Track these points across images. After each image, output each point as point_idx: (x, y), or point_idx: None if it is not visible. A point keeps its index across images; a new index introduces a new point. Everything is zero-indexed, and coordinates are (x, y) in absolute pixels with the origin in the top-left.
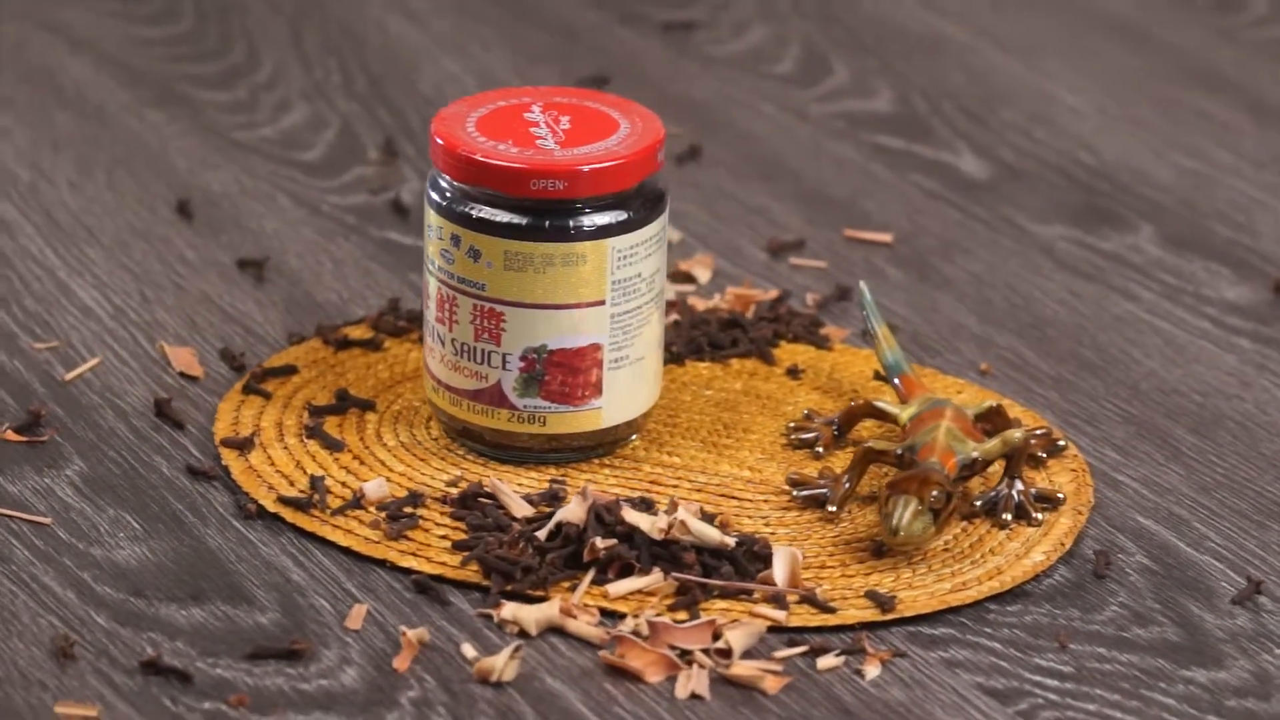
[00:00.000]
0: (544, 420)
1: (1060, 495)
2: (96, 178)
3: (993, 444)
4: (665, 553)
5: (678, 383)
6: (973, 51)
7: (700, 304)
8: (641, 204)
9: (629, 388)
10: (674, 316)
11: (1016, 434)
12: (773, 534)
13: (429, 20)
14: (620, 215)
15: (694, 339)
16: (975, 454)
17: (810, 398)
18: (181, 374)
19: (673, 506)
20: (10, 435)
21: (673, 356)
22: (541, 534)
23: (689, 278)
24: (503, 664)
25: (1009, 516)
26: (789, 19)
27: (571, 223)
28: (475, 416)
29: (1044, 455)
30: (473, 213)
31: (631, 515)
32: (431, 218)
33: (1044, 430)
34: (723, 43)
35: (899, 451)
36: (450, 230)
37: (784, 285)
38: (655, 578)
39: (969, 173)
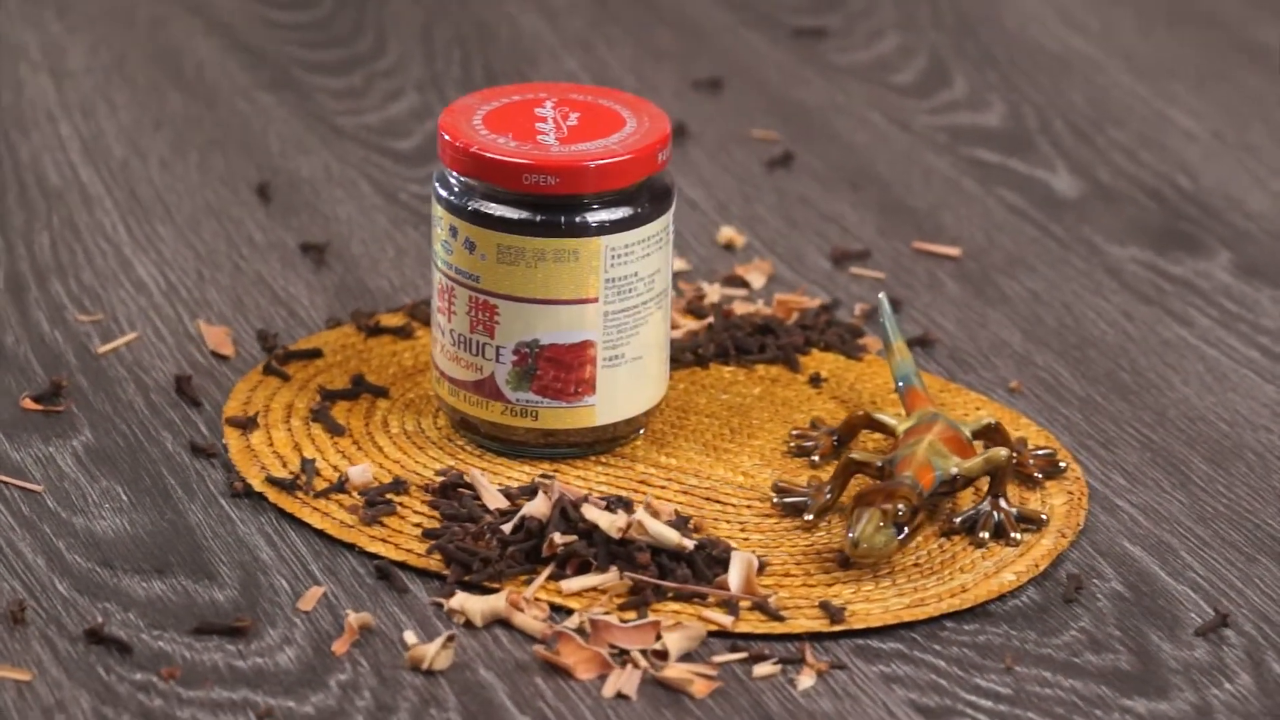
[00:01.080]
0: (536, 415)
1: (1044, 517)
2: (188, 157)
3: (975, 461)
4: (623, 551)
5: (696, 385)
6: (1100, 70)
7: (741, 309)
8: (640, 203)
9: (625, 386)
10: (709, 319)
11: (1001, 452)
12: (745, 540)
13: (562, 16)
14: (615, 213)
15: (722, 342)
16: (955, 470)
17: (826, 407)
18: (213, 353)
19: (631, 507)
20: (28, 403)
21: (697, 359)
22: (507, 527)
23: (742, 282)
24: (433, 653)
25: (986, 535)
26: (924, 30)
27: (564, 218)
28: (472, 408)
29: (1040, 476)
30: (468, 205)
31: (591, 513)
32: (435, 209)
33: (1048, 451)
34: (849, 51)
35: (880, 464)
36: (449, 221)
37: (839, 294)
38: (610, 576)
39: (1059, 191)
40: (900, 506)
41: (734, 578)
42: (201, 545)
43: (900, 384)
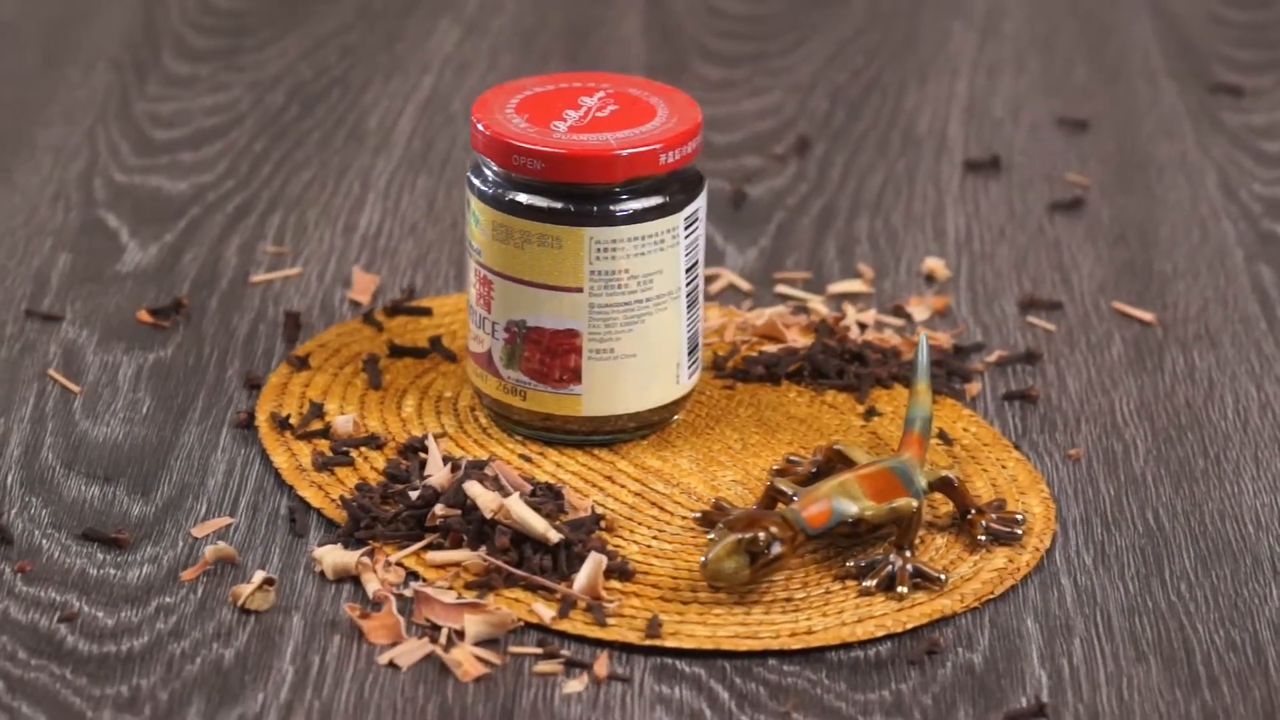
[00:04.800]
0: (525, 395)
1: (941, 578)
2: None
3: (881, 508)
4: (493, 533)
5: (751, 398)
6: None
7: (858, 336)
8: (637, 201)
9: (615, 382)
10: (812, 338)
11: (912, 504)
12: (648, 548)
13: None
14: (603, 207)
15: (802, 363)
16: (855, 512)
17: (859, 438)
18: (351, 300)
19: (502, 490)
20: (143, 315)
21: (769, 374)
22: (414, 494)
23: (905, 314)
24: (247, 592)
25: (873, 583)
26: None
27: (546, 204)
28: (478, 380)
29: (984, 539)
30: (475, 180)
31: (474, 489)
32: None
33: (1016, 517)
34: (1254, 112)
35: (793, 494)
36: (469, 195)
37: (998, 340)
38: (470, 554)
39: None
40: (760, 536)
41: (580, 577)
42: (166, 463)
43: (906, 425)
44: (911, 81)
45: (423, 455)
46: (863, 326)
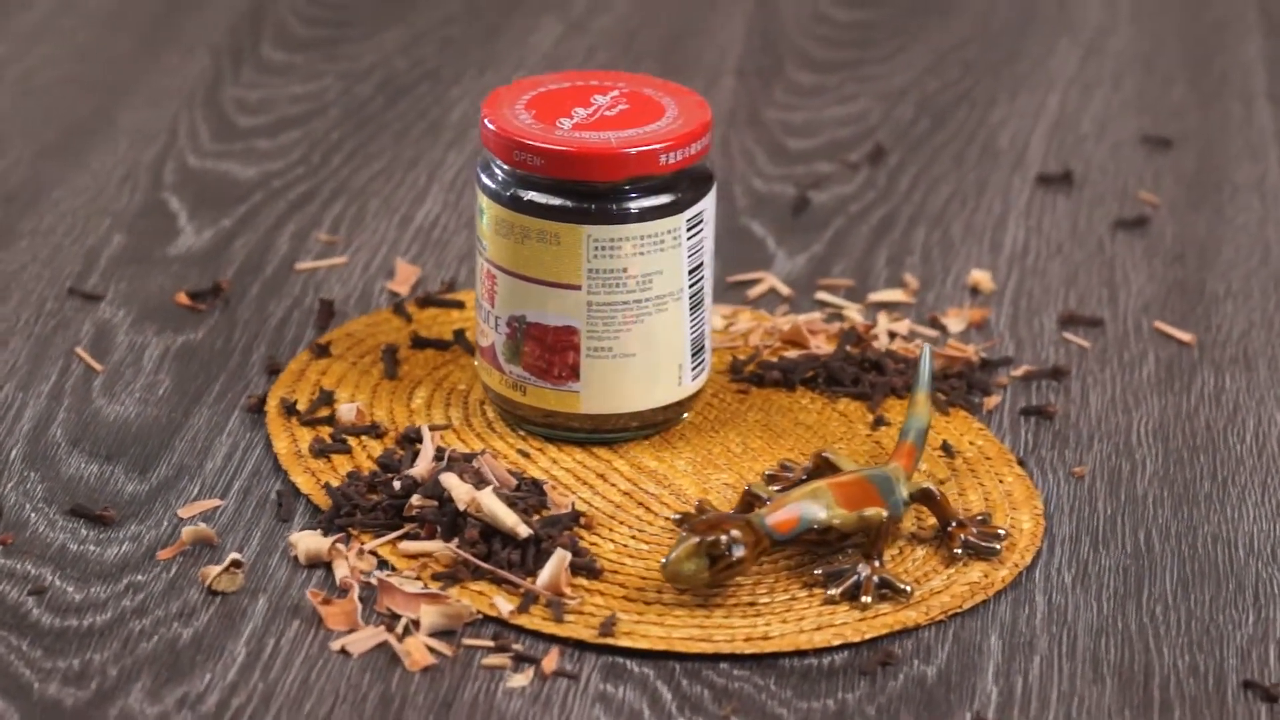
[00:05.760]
0: (524, 390)
1: (907, 589)
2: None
3: (850, 516)
4: (465, 525)
5: (764, 403)
6: None
7: (880, 345)
8: (636, 200)
9: (613, 380)
10: (834, 346)
11: (881, 513)
12: (624, 547)
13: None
14: (602, 205)
15: (817, 370)
16: (824, 516)
17: (861, 448)
18: (390, 290)
19: (482, 484)
20: (181, 298)
21: (785, 380)
22: (397, 484)
23: (939, 325)
24: (214, 574)
25: (837, 591)
26: None
27: (545, 200)
28: (484, 374)
29: (960, 552)
30: (482, 175)
31: (450, 481)
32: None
33: (998, 533)
34: None
35: (767, 499)
36: (478, 189)
37: (1031, 355)
38: (441, 545)
39: None
40: (721, 539)
41: (543, 573)
42: (169, 444)
43: (900, 435)
44: (1003, 95)
45: (418, 446)
46: (893, 336)
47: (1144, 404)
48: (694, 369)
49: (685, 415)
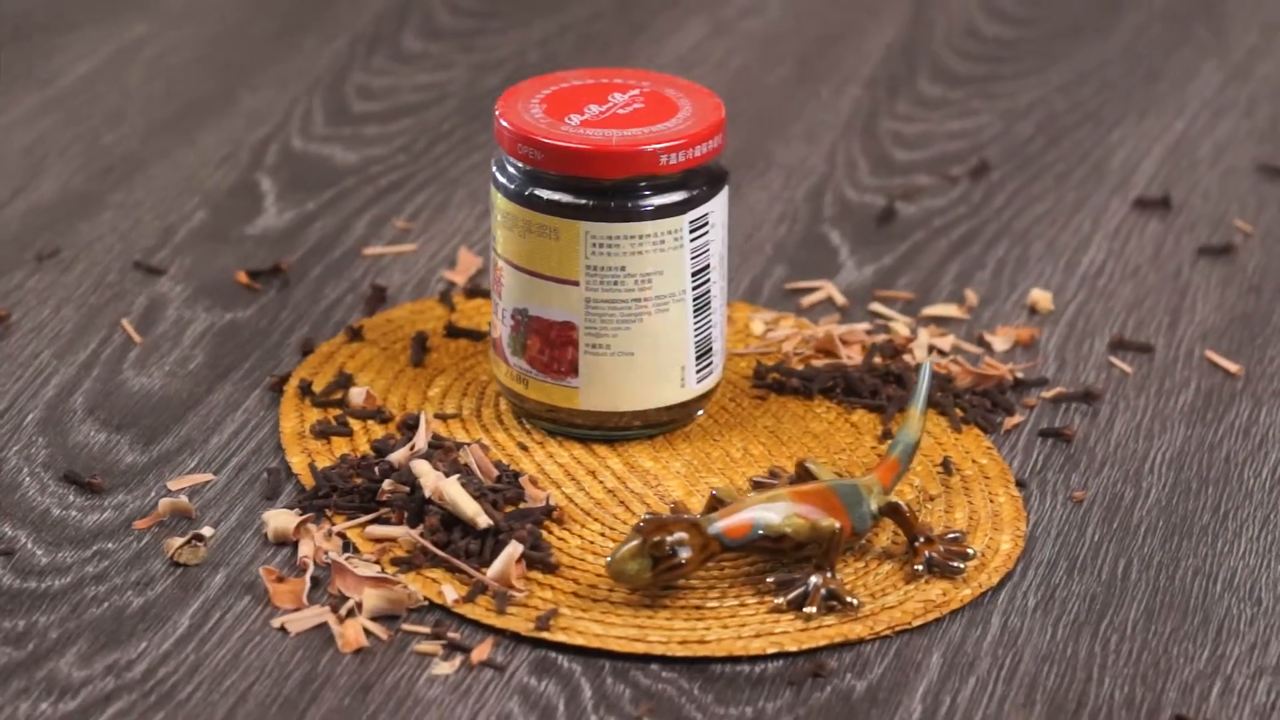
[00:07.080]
0: (527, 383)
1: (853, 602)
2: None
3: (803, 525)
4: (429, 511)
5: (779, 410)
6: None
7: (910, 359)
8: (635, 199)
9: (612, 378)
10: (859, 358)
11: (835, 525)
12: (591, 544)
13: None
14: (600, 201)
15: (836, 380)
16: (774, 525)
17: (865, 459)
18: (448, 279)
19: (456, 470)
20: (241, 276)
21: (804, 389)
22: (378, 469)
23: (985, 343)
24: (175, 546)
25: (783, 600)
26: None
27: (544, 194)
28: (495, 365)
29: (921, 569)
30: (494, 167)
31: (420, 468)
32: None
33: (966, 553)
34: None
35: (729, 504)
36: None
37: (1072, 378)
38: (407, 532)
39: None
40: (667, 540)
41: (494, 564)
42: (182, 418)
43: (889, 449)
44: (1131, 115)
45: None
46: (931, 350)
47: (1169, 432)
48: (699, 371)
49: (699, 412)
